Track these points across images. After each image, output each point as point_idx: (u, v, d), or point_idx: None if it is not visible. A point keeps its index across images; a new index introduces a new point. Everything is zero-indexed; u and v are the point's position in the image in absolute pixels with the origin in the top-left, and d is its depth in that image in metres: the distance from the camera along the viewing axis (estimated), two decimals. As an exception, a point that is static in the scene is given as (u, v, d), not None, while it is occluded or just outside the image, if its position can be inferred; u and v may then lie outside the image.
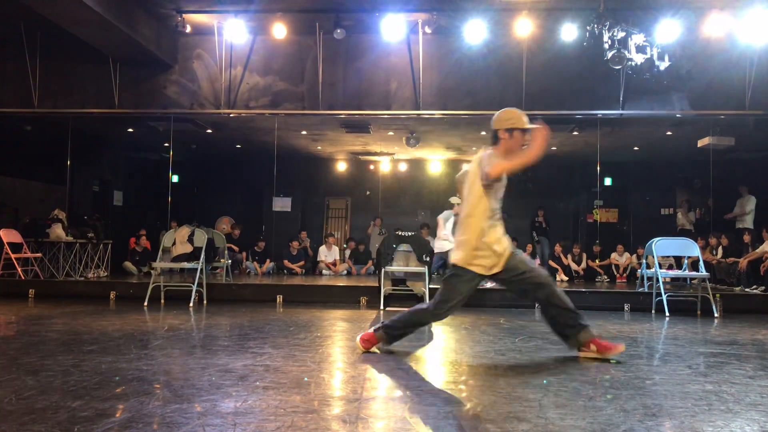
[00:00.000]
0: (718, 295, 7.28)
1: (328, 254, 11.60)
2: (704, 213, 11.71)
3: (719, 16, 8.07)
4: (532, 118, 4.18)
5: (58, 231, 9.42)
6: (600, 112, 9.09)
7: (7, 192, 10.63)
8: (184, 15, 8.49)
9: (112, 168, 13.31)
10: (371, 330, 4.14)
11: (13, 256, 8.69)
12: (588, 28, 7.99)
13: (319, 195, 14.43)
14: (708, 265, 8.69)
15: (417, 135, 10.93)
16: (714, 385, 3.26)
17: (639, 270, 9.06)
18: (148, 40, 8.51)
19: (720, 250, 9.77)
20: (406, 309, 4.23)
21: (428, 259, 7.59)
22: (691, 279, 8.59)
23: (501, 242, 3.81)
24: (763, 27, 7.96)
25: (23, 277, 8.72)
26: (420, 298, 7.39)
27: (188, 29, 8.62)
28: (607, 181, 12.66)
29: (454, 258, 3.88)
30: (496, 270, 3.82)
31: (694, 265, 8.27)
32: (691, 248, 7.69)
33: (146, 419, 2.48)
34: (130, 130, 11.20)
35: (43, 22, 7.77)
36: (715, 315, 6.91)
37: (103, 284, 8.65)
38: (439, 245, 9.12)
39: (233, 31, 8.64)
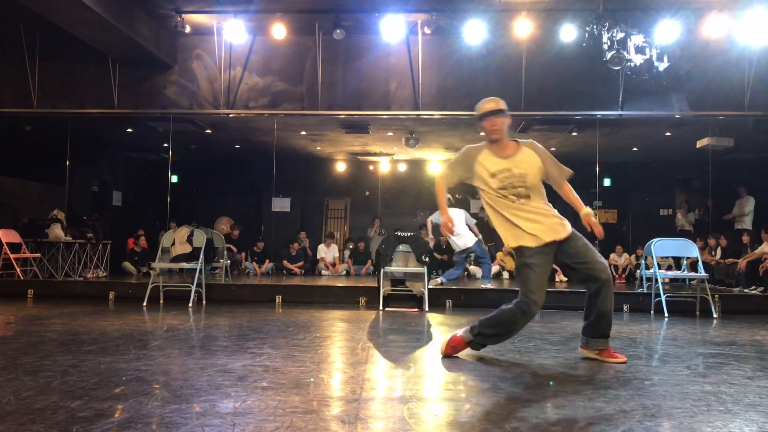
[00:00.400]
0: (717, 296, 7.28)
1: (327, 252, 11.61)
2: (703, 214, 11.72)
3: (718, 17, 8.08)
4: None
5: (57, 231, 9.41)
6: (599, 113, 9.09)
7: (6, 192, 10.63)
8: (183, 15, 8.48)
9: (112, 168, 13.31)
10: (460, 335, 3.97)
11: (12, 256, 8.69)
12: (587, 28, 7.99)
13: (319, 195, 14.43)
14: (707, 266, 8.69)
15: (416, 135, 10.93)
16: (713, 386, 3.26)
17: (638, 271, 9.07)
18: (148, 41, 8.51)
19: (719, 251, 9.77)
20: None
21: (427, 259, 7.57)
22: (690, 280, 8.59)
23: (529, 221, 3.73)
24: (762, 28, 7.96)
25: (22, 278, 8.71)
26: (419, 299, 7.39)
27: (187, 29, 8.61)
28: (607, 182, 12.66)
29: (508, 246, 3.88)
30: (547, 239, 3.71)
31: (693, 266, 8.27)
32: (690, 249, 7.70)
33: (145, 419, 2.48)
34: (130, 130, 11.19)
35: (42, 22, 7.76)
36: (714, 316, 6.91)
37: (102, 284, 8.64)
38: (462, 242, 8.86)
39: (232, 32, 8.64)
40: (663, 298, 7.03)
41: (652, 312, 7.18)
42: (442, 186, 4.05)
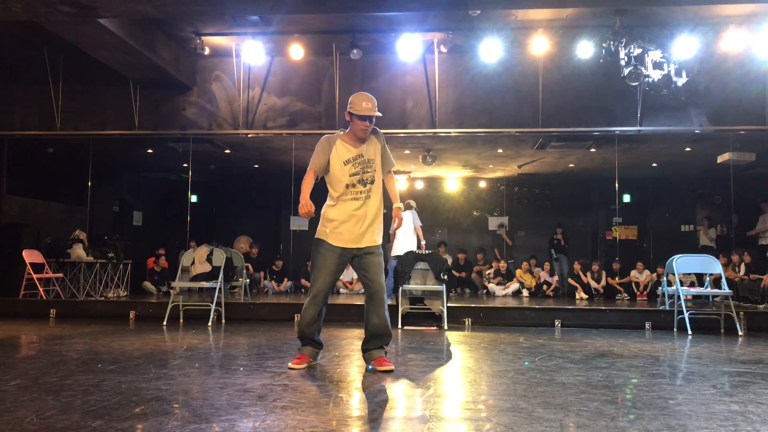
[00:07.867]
0: (741, 313, 7.15)
1: (345, 270, 11.57)
2: (725, 229, 11.55)
3: (736, 31, 8.04)
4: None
5: (78, 251, 9.53)
6: (617, 129, 9.05)
7: (29, 213, 10.80)
8: (202, 37, 8.63)
9: (132, 188, 13.48)
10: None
11: (35, 276, 8.81)
12: (604, 45, 7.99)
13: (337, 214, 14.42)
14: (730, 283, 8.55)
15: (433, 153, 10.95)
16: (740, 405, 3.19)
17: (659, 288, 8.95)
18: (168, 63, 8.65)
19: (743, 267, 9.62)
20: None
21: (446, 277, 7.54)
22: (714, 296, 8.46)
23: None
24: (781, 42, 7.90)
25: (45, 297, 8.82)
26: (438, 317, 7.35)
27: (207, 51, 8.75)
28: (626, 198, 12.56)
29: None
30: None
31: (716, 283, 8.15)
32: (712, 265, 7.59)
33: (165, 439, 2.48)
34: (150, 151, 11.35)
35: (65, 46, 7.95)
36: (739, 333, 6.79)
37: (122, 304, 8.71)
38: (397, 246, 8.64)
39: (251, 53, 8.76)
40: (686, 315, 6.92)
41: (675, 329, 7.07)
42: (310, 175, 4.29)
